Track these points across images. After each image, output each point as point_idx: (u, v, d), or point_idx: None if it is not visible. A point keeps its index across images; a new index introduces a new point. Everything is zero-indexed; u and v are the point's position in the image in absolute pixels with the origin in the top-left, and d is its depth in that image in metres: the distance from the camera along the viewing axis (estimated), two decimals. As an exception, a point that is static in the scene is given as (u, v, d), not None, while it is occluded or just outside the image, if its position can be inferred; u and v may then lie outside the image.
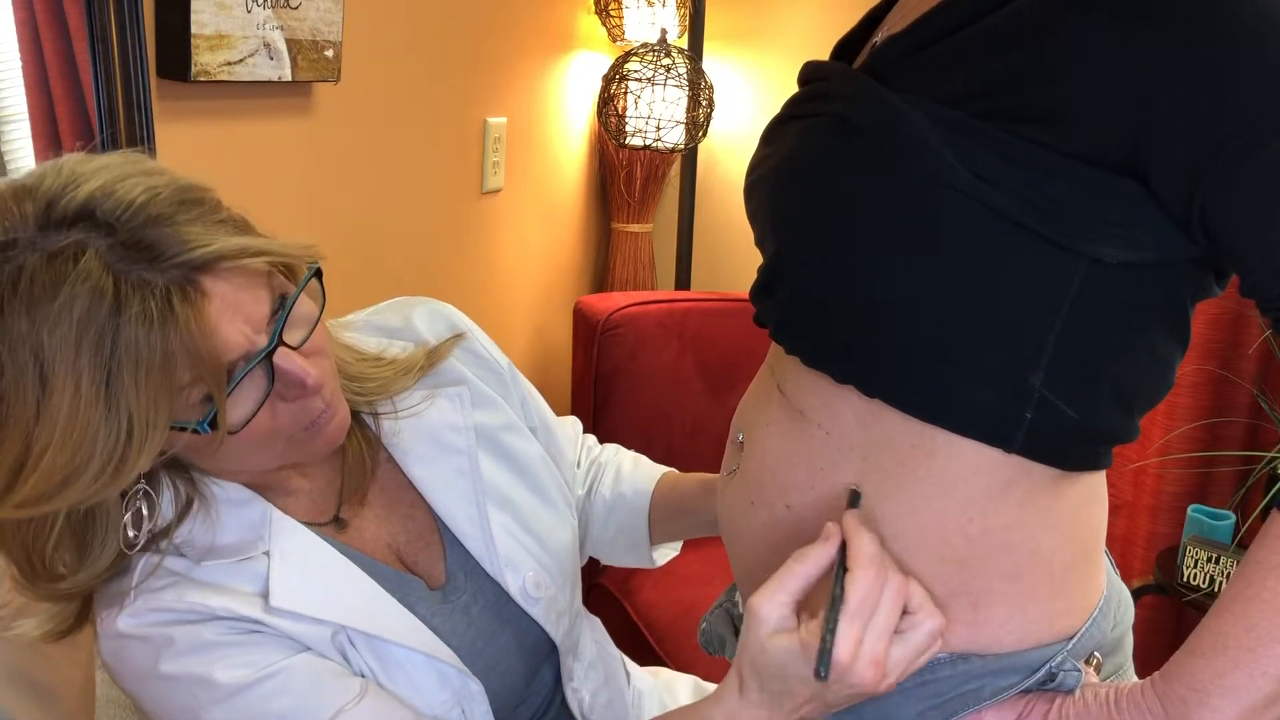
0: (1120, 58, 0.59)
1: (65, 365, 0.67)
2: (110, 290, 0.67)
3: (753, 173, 0.77)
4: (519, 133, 2.11)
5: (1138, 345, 0.67)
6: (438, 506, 0.92)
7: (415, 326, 0.99)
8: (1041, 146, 0.61)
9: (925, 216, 0.64)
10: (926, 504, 0.69)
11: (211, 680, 0.76)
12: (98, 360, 0.67)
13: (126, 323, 0.67)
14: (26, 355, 0.67)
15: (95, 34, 1.19)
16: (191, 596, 0.78)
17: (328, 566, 0.84)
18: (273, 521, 0.83)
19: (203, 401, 0.72)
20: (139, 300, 0.68)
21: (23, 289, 0.67)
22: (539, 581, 0.94)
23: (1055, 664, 0.70)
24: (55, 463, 0.68)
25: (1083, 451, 0.69)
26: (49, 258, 0.68)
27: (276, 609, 0.79)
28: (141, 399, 0.68)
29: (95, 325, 0.67)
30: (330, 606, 0.82)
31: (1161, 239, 0.63)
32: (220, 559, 0.80)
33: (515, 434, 1.00)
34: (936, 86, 0.64)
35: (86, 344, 0.67)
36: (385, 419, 0.93)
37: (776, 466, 0.74)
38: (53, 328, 0.67)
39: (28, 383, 0.68)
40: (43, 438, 0.68)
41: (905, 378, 0.67)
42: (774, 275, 0.74)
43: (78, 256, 0.67)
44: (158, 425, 0.70)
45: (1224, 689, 0.61)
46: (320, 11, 1.41)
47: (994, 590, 0.70)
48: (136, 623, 0.77)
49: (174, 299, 0.69)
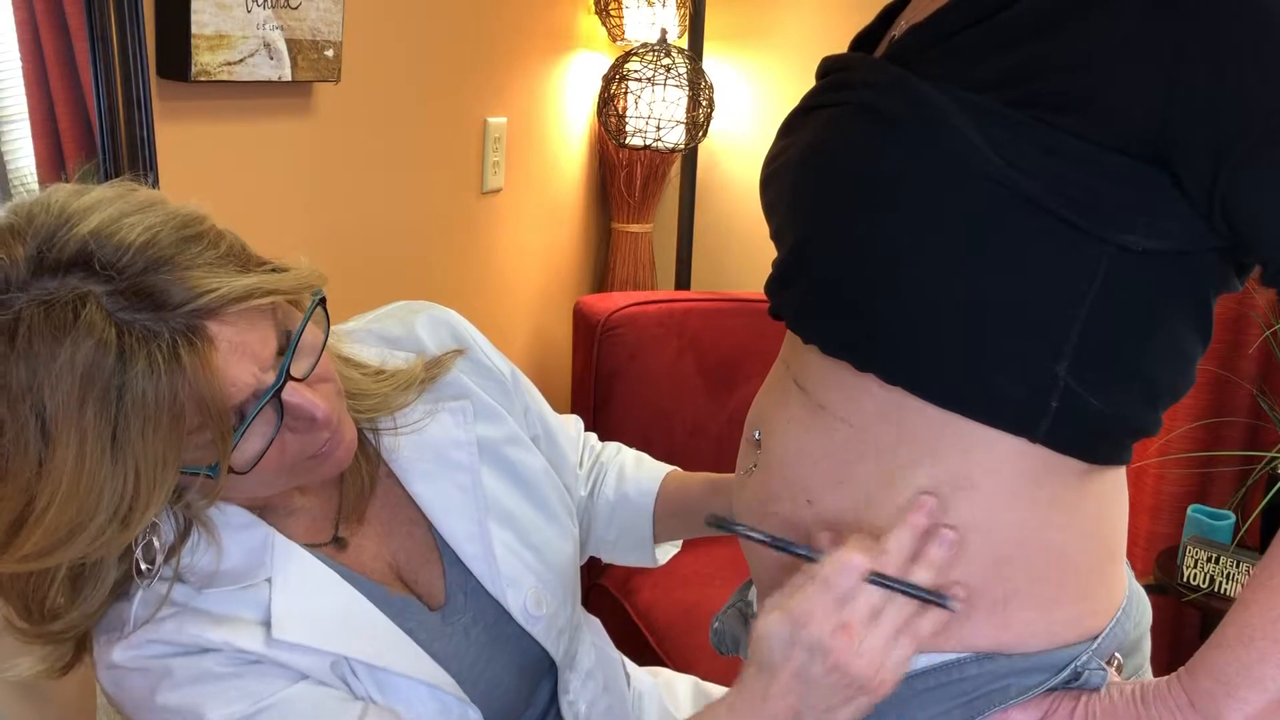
0: (1147, 44, 0.59)
1: (69, 421, 0.65)
2: (114, 343, 0.65)
3: (770, 164, 0.77)
4: (519, 133, 2.11)
5: (1161, 336, 0.67)
6: (439, 524, 0.91)
7: (418, 335, 0.98)
8: (1068, 134, 0.61)
9: (952, 203, 0.64)
10: (952, 500, 0.68)
11: (206, 716, 0.75)
12: (104, 415, 0.65)
13: (133, 378, 0.65)
14: (27, 411, 0.65)
15: (95, 34, 1.19)
16: (191, 628, 0.77)
17: (331, 594, 0.83)
18: (274, 546, 0.82)
19: (212, 442, 0.71)
20: (145, 353, 0.66)
21: (20, 342, 0.65)
22: (540, 599, 0.93)
23: (1080, 663, 0.70)
24: (60, 519, 0.67)
25: (1107, 443, 0.69)
26: (46, 308, 0.65)
27: (278, 641, 0.78)
28: (149, 451, 0.67)
29: (100, 380, 0.65)
30: (333, 636, 0.81)
31: (1186, 228, 0.63)
32: (222, 586, 0.79)
33: (518, 447, 0.99)
34: (962, 75, 0.64)
35: (92, 399, 0.65)
36: (385, 434, 0.92)
37: (798, 463, 0.73)
38: (55, 383, 0.65)
39: (29, 438, 0.66)
40: (46, 493, 0.66)
41: (928, 365, 0.67)
42: (794, 265, 0.73)
43: (78, 308, 0.65)
44: (165, 475, 0.68)
45: (1251, 681, 0.61)
46: (320, 11, 1.41)
47: (1020, 590, 0.70)
48: (134, 654, 0.76)
49: (180, 349, 0.67)
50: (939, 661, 0.70)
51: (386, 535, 0.91)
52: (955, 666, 0.70)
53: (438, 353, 0.97)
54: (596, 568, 1.97)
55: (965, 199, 0.63)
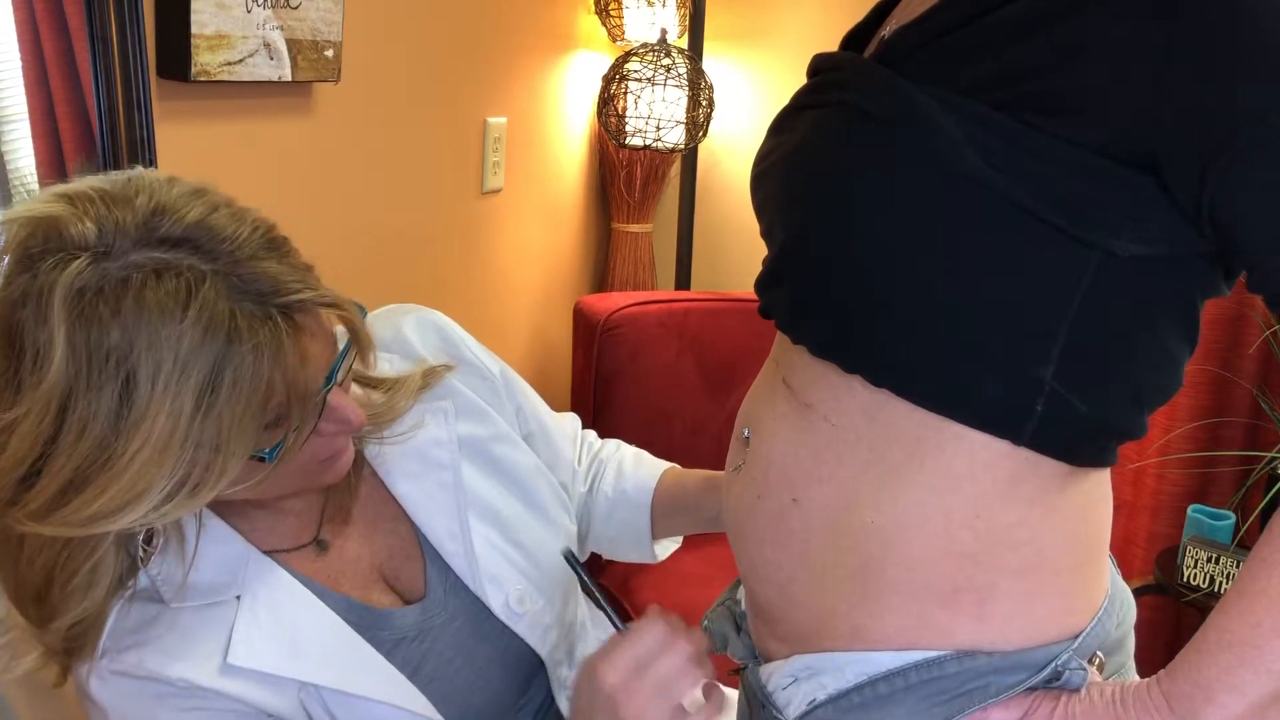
0: (1138, 46, 0.59)
1: (167, 388, 0.66)
2: (226, 322, 0.67)
3: (761, 163, 0.77)
4: (519, 133, 2.11)
5: (1148, 340, 0.67)
6: (420, 522, 0.92)
7: (406, 336, 0.98)
8: (1056, 138, 0.61)
9: (938, 206, 0.64)
10: (933, 498, 0.69)
11: None
12: (203, 387, 0.67)
13: (239, 355, 0.67)
14: (114, 370, 0.66)
15: (95, 34, 1.19)
16: (150, 663, 0.77)
17: (303, 615, 0.83)
18: (249, 563, 0.82)
19: (279, 427, 0.73)
20: (252, 334, 0.68)
21: (127, 304, 0.66)
22: (523, 596, 0.94)
23: (1061, 662, 0.70)
24: (136, 481, 0.67)
25: (1091, 446, 0.69)
26: (158, 275, 0.67)
27: (235, 667, 0.78)
28: (235, 427, 0.68)
29: (207, 354, 0.67)
30: (297, 663, 0.81)
31: (1173, 233, 0.63)
32: (192, 600, 0.80)
33: (507, 444, 0.99)
34: (950, 77, 0.64)
35: (196, 371, 0.66)
36: (371, 441, 0.93)
37: (784, 460, 0.74)
38: (160, 349, 0.66)
39: (111, 401, 0.66)
40: (126, 455, 0.66)
41: (913, 367, 0.67)
42: (783, 264, 0.74)
43: (193, 282, 0.67)
44: (241, 453, 0.70)
45: (1230, 686, 0.61)
46: (320, 11, 1.41)
47: (1000, 587, 0.70)
48: (100, 688, 0.78)
49: (284, 336, 0.70)
50: (918, 659, 0.71)
51: (370, 535, 0.92)
52: (935, 664, 0.70)
53: (424, 353, 0.98)
54: (597, 567, 1.97)
55: (951, 202, 0.64)
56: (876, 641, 0.72)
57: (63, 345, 0.66)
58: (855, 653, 0.72)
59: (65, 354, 0.66)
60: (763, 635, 0.81)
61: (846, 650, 0.73)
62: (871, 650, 0.72)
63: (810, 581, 0.73)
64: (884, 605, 0.71)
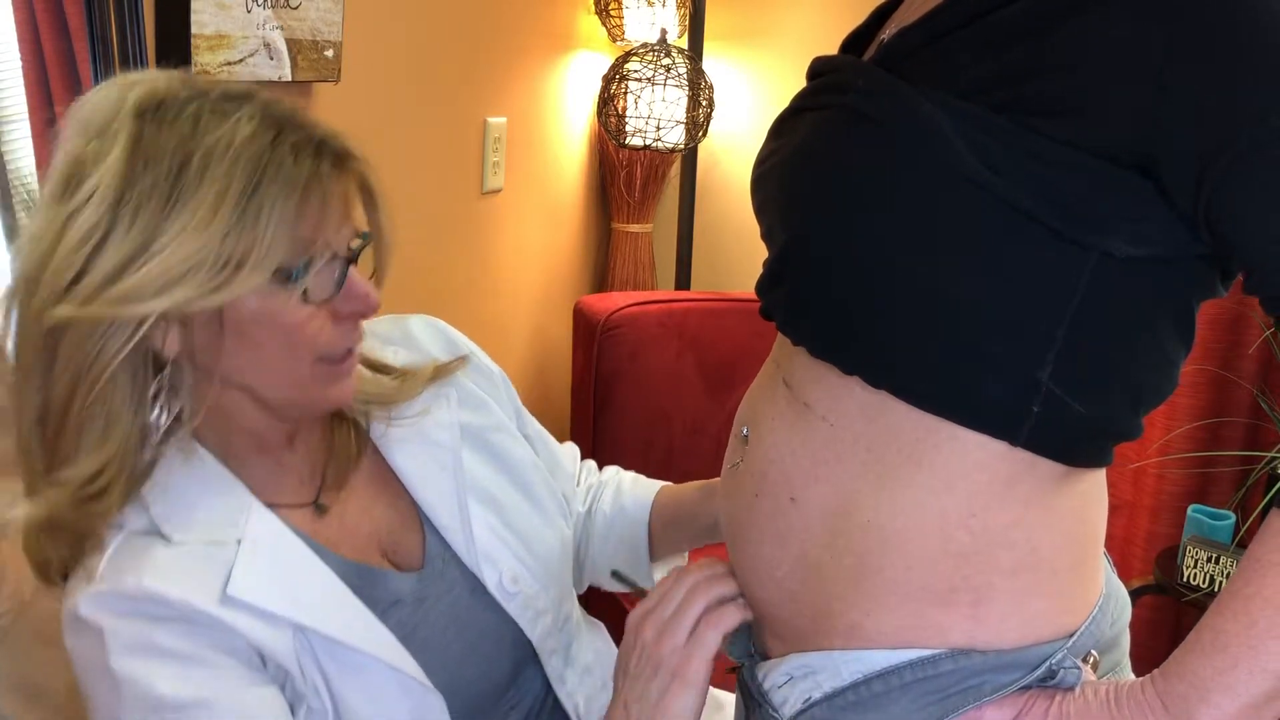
0: (1137, 47, 0.59)
1: (213, 175, 0.73)
2: (274, 126, 0.76)
3: (761, 165, 0.78)
4: (519, 133, 2.11)
5: (1144, 342, 0.67)
6: (419, 496, 0.94)
7: (414, 334, 1.02)
8: (1055, 140, 0.61)
9: (937, 208, 0.64)
10: (930, 498, 0.69)
11: (145, 687, 0.76)
12: (246, 177, 0.74)
13: (281, 157, 0.75)
14: (170, 164, 0.73)
15: (95, 34, 1.19)
16: (150, 583, 0.77)
17: (298, 564, 0.84)
18: (251, 511, 0.83)
19: (295, 246, 0.77)
20: (295, 138, 0.77)
21: (190, 110, 0.75)
22: (516, 577, 0.95)
23: (1055, 661, 0.70)
24: (176, 255, 0.72)
25: (1088, 447, 0.69)
26: (224, 99, 0.77)
27: (233, 599, 0.79)
28: (270, 221, 0.74)
29: (252, 151, 0.74)
30: (290, 604, 0.81)
31: (1170, 235, 0.63)
32: (193, 541, 0.80)
33: (505, 435, 1.02)
34: (949, 79, 0.65)
35: (241, 158, 0.74)
36: (378, 419, 0.95)
37: (781, 459, 0.74)
38: (210, 145, 0.74)
39: (163, 189, 0.73)
40: (172, 230, 0.72)
41: (912, 369, 0.67)
42: (783, 266, 0.74)
43: (244, 103, 0.77)
44: (275, 251, 0.75)
45: (1224, 686, 0.61)
46: (320, 11, 1.41)
47: (995, 586, 0.70)
48: (94, 608, 0.77)
49: (324, 162, 0.78)
50: (913, 657, 0.71)
51: (369, 506, 0.93)
52: (929, 663, 0.71)
53: (433, 350, 1.01)
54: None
55: (950, 204, 0.64)
56: (872, 640, 0.72)
57: (124, 139, 0.73)
58: (851, 651, 0.72)
59: (126, 146, 0.73)
60: (760, 632, 0.82)
61: (842, 649, 0.73)
62: (867, 649, 0.72)
63: (807, 580, 0.74)
64: (880, 604, 0.71)
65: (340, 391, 0.85)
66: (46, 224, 0.75)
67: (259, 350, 0.80)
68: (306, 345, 0.81)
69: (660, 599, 0.82)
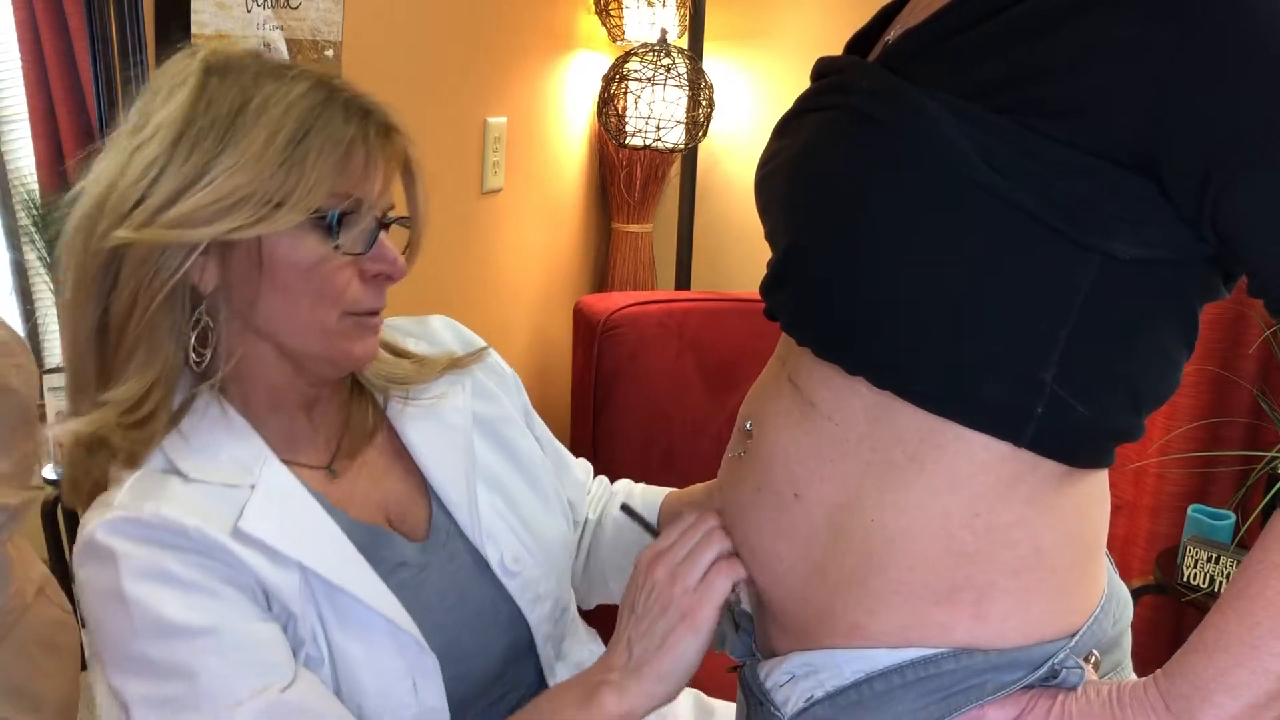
0: (1141, 54, 0.59)
1: (267, 119, 0.79)
2: (327, 89, 0.83)
3: (765, 166, 0.78)
4: (519, 133, 2.11)
5: (1147, 343, 0.67)
6: (429, 472, 0.96)
7: (434, 329, 1.07)
8: (1059, 141, 0.62)
9: (941, 210, 0.64)
10: (934, 498, 0.69)
11: (155, 612, 0.78)
12: (296, 124, 0.80)
13: (334, 111, 0.82)
14: (229, 106, 0.80)
15: (95, 34, 1.19)
16: (167, 511, 0.80)
17: (306, 513, 0.86)
18: (266, 462, 0.86)
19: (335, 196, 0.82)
20: (345, 98, 0.83)
21: (253, 66, 0.82)
22: (518, 558, 0.97)
23: (1058, 661, 0.70)
24: (227, 185, 0.78)
25: (1090, 448, 0.70)
26: (284, 67, 0.84)
27: (244, 533, 0.81)
28: (316, 164, 0.80)
29: (306, 101, 0.81)
30: (297, 546, 0.83)
31: (1173, 237, 0.63)
32: (209, 482, 0.84)
33: (513, 428, 1.05)
34: (953, 81, 0.65)
35: (293, 110, 0.80)
36: (395, 399, 0.99)
37: (786, 456, 0.74)
38: (265, 95, 0.80)
39: (225, 119, 0.80)
40: (225, 162, 0.79)
41: (917, 370, 0.68)
42: (787, 268, 0.74)
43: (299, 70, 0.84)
44: (316, 192, 0.80)
45: (1227, 686, 0.62)
46: (320, 11, 1.41)
47: (997, 586, 0.70)
48: (109, 532, 0.79)
49: (371, 118, 0.84)
50: (915, 656, 0.71)
51: (380, 478, 0.96)
52: (931, 662, 0.71)
53: (452, 345, 1.06)
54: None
55: (954, 206, 0.64)
56: (875, 639, 0.72)
57: (191, 85, 0.81)
58: (853, 650, 0.72)
59: (192, 91, 0.81)
60: (762, 621, 0.82)
61: (844, 647, 0.73)
62: (869, 648, 0.72)
63: (809, 577, 0.74)
64: (883, 603, 0.71)
65: (363, 348, 0.88)
66: (113, 158, 0.82)
67: (290, 295, 0.84)
68: (334, 296, 0.85)
69: (674, 541, 0.82)
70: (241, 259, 0.82)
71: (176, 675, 0.78)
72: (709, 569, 0.80)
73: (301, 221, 0.80)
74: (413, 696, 0.87)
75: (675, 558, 0.81)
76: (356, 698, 0.84)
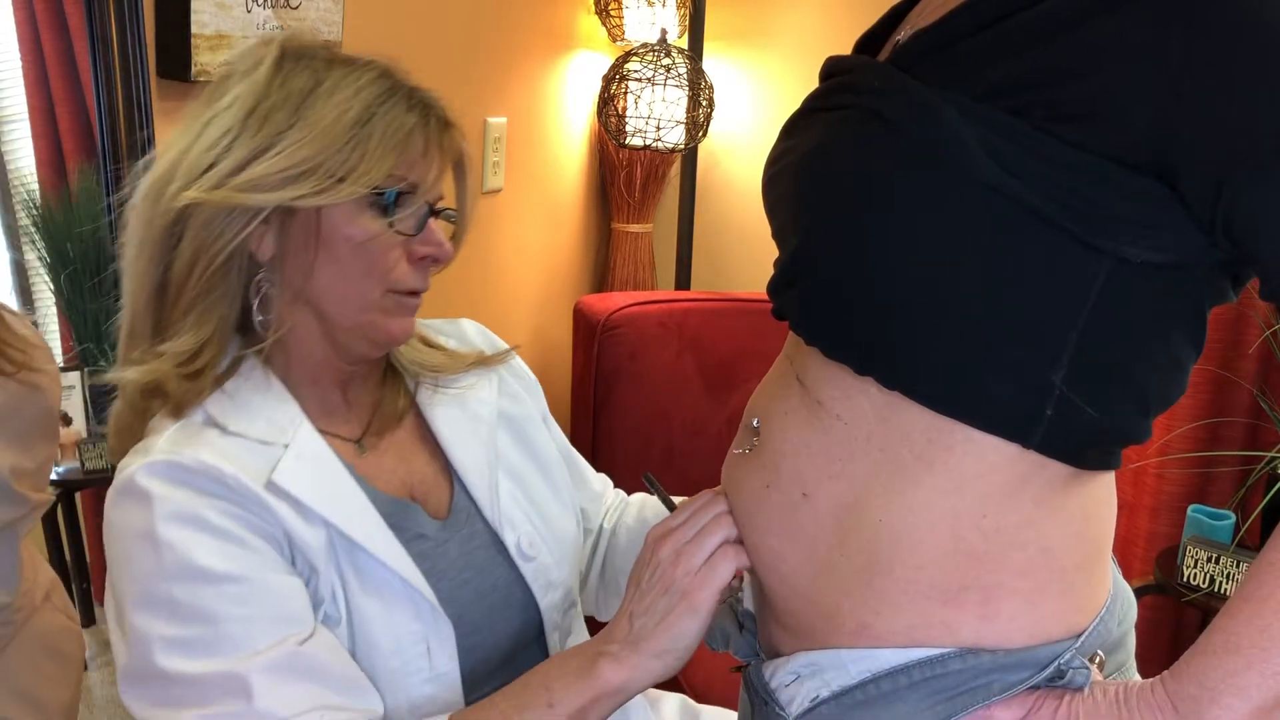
0: (1156, 58, 0.59)
1: (336, 100, 0.85)
2: (391, 78, 0.89)
3: (773, 165, 0.78)
4: (519, 133, 2.11)
5: (1156, 347, 0.67)
6: (453, 455, 1.00)
7: (466, 331, 1.12)
8: (1071, 143, 0.61)
9: (953, 211, 0.64)
10: (942, 498, 0.69)
11: (186, 555, 0.80)
12: (363, 107, 0.86)
13: (397, 100, 0.87)
14: (303, 84, 0.86)
15: (95, 34, 1.19)
16: (206, 456, 0.83)
17: (335, 476, 0.90)
18: (300, 426, 0.90)
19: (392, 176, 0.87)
20: (409, 89, 0.89)
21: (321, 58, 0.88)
22: (534, 543, 1.00)
23: (1064, 661, 0.70)
24: (296, 155, 0.83)
25: (1097, 450, 0.70)
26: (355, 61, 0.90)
27: (276, 485, 0.85)
28: (379, 145, 0.86)
29: (374, 88, 0.87)
30: (325, 504, 0.87)
31: (1184, 241, 0.63)
32: (247, 436, 0.88)
33: (535, 427, 1.09)
34: (965, 82, 0.65)
35: (361, 94, 0.86)
36: (425, 387, 1.03)
37: (795, 454, 0.74)
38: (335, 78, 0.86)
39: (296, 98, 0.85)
40: (295, 133, 0.84)
41: (926, 371, 0.68)
42: (796, 267, 0.74)
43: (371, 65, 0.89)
44: (374, 175, 0.85)
45: (1236, 688, 0.61)
46: (320, 11, 1.41)
47: (1004, 586, 0.70)
48: (148, 475, 0.82)
49: (432, 112, 0.90)
50: (922, 656, 0.71)
51: (406, 458, 0.99)
52: (938, 662, 0.71)
53: (479, 345, 1.11)
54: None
55: (965, 207, 0.64)
56: (881, 639, 0.72)
57: (268, 64, 0.87)
58: (859, 650, 0.72)
59: (268, 69, 0.86)
60: (766, 620, 0.82)
61: (850, 647, 0.73)
62: (875, 647, 0.72)
63: (816, 576, 0.74)
64: (890, 603, 0.71)
65: (399, 326, 0.92)
66: (187, 129, 0.87)
67: (341, 267, 0.88)
68: (382, 272, 0.89)
69: (683, 521, 0.83)
70: (299, 230, 0.87)
71: (199, 619, 0.80)
72: (714, 553, 0.80)
73: (361, 196, 0.85)
74: (426, 660, 0.89)
75: (682, 538, 0.82)
76: (372, 658, 0.86)
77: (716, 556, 0.80)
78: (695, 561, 0.80)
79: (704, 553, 0.80)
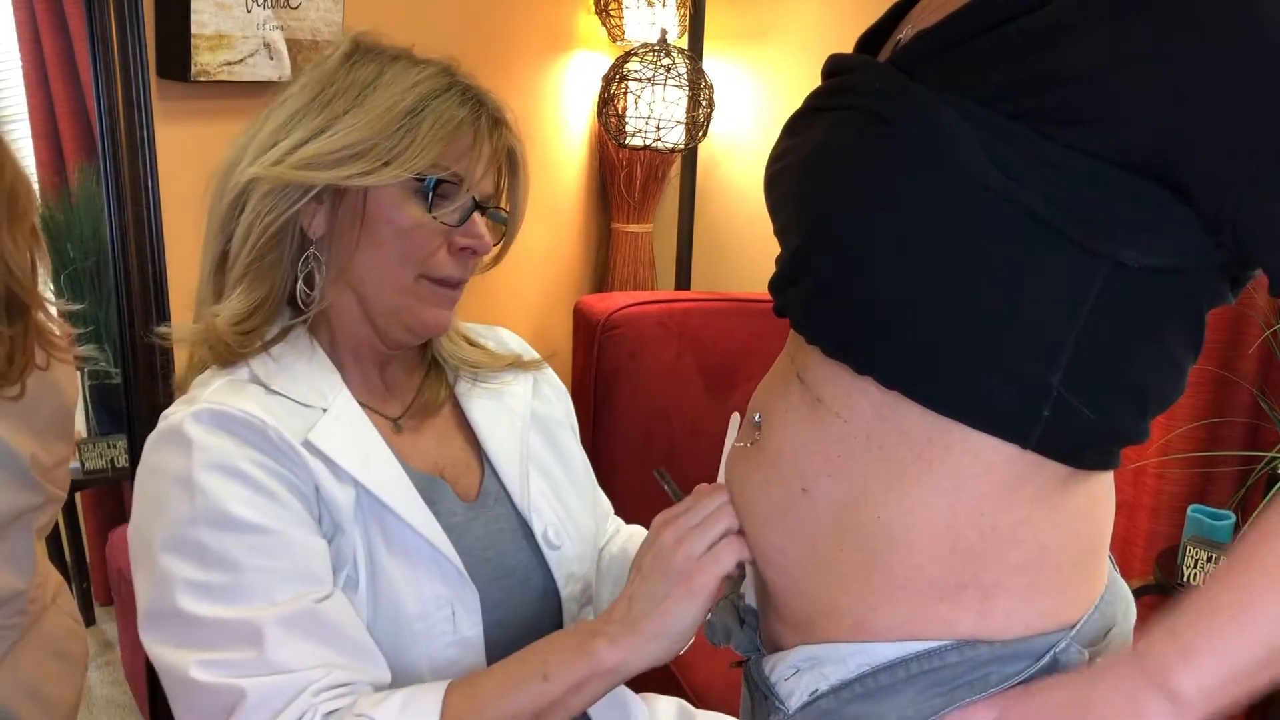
0: (1159, 62, 0.59)
1: (392, 89, 0.91)
2: (449, 75, 0.94)
3: (775, 164, 0.78)
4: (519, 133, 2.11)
5: (1155, 349, 0.67)
6: (486, 442, 1.03)
7: (503, 337, 1.17)
8: (1071, 148, 0.61)
9: (952, 213, 0.64)
10: (940, 497, 0.69)
11: (219, 503, 0.83)
12: (417, 98, 0.90)
13: (451, 96, 0.92)
14: (367, 75, 0.92)
15: (95, 34, 1.19)
16: (251, 407, 0.87)
17: (369, 441, 0.93)
18: (341, 392, 0.94)
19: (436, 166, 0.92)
20: (464, 86, 0.94)
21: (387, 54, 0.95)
22: (560, 533, 1.02)
23: (1059, 650, 0.71)
24: (348, 138, 0.89)
25: (1096, 451, 0.70)
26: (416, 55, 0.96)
27: (313, 444, 0.88)
28: (427, 134, 0.90)
29: (430, 83, 0.92)
30: (358, 466, 0.90)
31: (1184, 244, 0.63)
32: (288, 396, 0.92)
33: (565, 433, 1.12)
34: (966, 84, 0.65)
35: (417, 87, 0.91)
36: (464, 380, 1.07)
37: (795, 451, 0.75)
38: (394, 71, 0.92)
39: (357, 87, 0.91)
40: (349, 117, 0.89)
41: (925, 371, 0.68)
42: (797, 266, 0.74)
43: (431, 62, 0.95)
44: (420, 161, 0.90)
45: (1211, 649, 0.60)
46: (320, 11, 1.41)
47: (1002, 583, 0.70)
48: (192, 421, 0.86)
49: (484, 108, 0.94)
50: (920, 649, 0.71)
51: (440, 442, 1.02)
52: (936, 654, 0.71)
53: (518, 352, 1.15)
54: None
55: (964, 209, 0.64)
56: (879, 634, 0.72)
57: (338, 55, 0.93)
58: (857, 644, 0.73)
59: (337, 59, 0.93)
60: (767, 614, 0.82)
61: (849, 641, 0.73)
62: (874, 641, 0.72)
63: (815, 572, 0.74)
64: (888, 599, 0.71)
65: (434, 316, 0.96)
66: (262, 115, 0.94)
67: (382, 250, 0.92)
68: (420, 259, 0.93)
69: (689, 508, 0.83)
70: (348, 211, 0.91)
71: (223, 566, 0.82)
72: (718, 542, 0.81)
73: (404, 180, 0.90)
74: (450, 624, 0.91)
75: (686, 524, 0.82)
76: (397, 619, 0.88)
77: (720, 545, 0.81)
78: (698, 547, 0.81)
79: (707, 539, 0.81)
